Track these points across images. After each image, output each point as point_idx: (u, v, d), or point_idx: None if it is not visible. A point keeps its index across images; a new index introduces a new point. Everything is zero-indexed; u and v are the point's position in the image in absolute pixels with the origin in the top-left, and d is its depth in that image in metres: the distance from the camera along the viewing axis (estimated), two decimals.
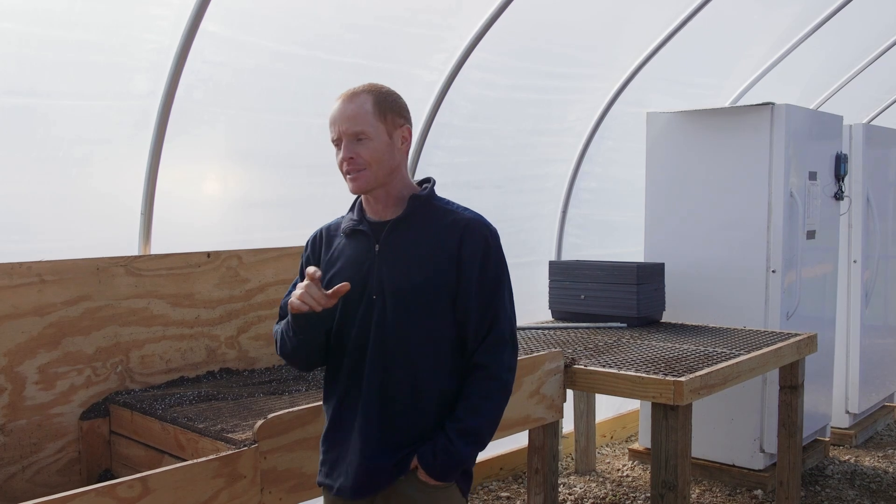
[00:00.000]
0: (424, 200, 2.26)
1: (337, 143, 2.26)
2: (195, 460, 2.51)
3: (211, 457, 2.54)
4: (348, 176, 2.22)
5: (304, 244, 3.87)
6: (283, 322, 2.31)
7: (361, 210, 2.32)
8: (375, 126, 2.22)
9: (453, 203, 2.33)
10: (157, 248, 3.64)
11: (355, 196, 2.35)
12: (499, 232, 2.31)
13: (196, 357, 3.62)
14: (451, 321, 2.23)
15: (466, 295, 2.20)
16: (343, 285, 2.11)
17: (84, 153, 3.47)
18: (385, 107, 2.25)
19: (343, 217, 2.40)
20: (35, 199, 3.38)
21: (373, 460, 2.20)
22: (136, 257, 3.45)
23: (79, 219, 3.52)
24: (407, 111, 2.33)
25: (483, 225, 2.25)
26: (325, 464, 2.32)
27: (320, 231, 2.41)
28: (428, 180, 2.36)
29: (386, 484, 2.22)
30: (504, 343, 2.24)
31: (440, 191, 2.44)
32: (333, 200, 4.48)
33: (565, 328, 4.77)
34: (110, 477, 3.22)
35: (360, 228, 2.28)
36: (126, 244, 3.59)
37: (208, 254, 3.68)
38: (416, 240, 2.23)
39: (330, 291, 2.10)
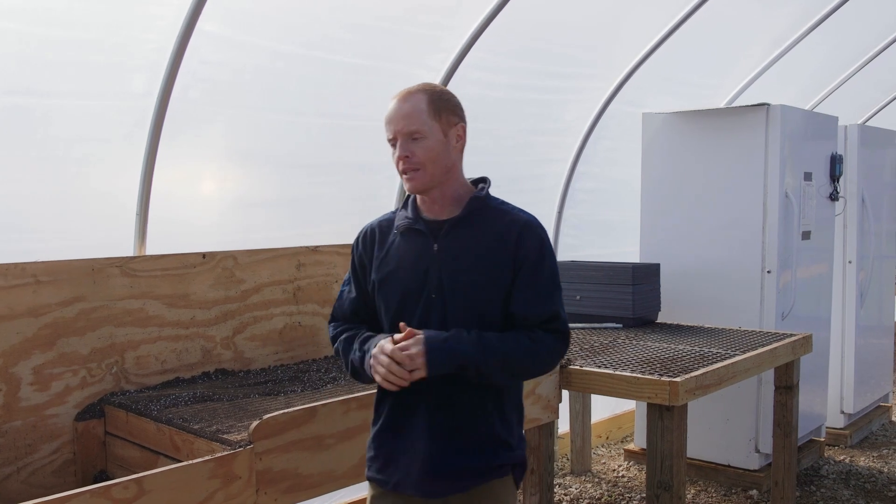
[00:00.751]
0: (482, 201, 2.29)
1: (392, 142, 2.26)
2: (190, 461, 2.51)
3: (206, 458, 2.54)
4: (404, 175, 2.25)
5: (301, 244, 3.87)
6: (356, 353, 2.32)
7: (416, 208, 2.33)
8: (430, 125, 2.22)
9: (508, 203, 2.36)
10: (155, 248, 3.63)
11: (408, 195, 2.37)
12: None
13: (191, 358, 3.62)
14: (504, 319, 2.25)
15: (524, 293, 2.23)
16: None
17: (82, 153, 3.47)
18: (440, 105, 2.25)
19: (392, 213, 2.41)
20: (32, 199, 3.37)
21: (437, 462, 2.22)
22: (131, 258, 3.44)
23: (76, 218, 3.51)
24: (461, 109, 2.33)
25: (538, 226, 2.29)
26: (377, 460, 2.36)
27: (370, 228, 2.41)
28: (483, 180, 2.38)
29: (451, 489, 2.24)
30: (560, 336, 2.26)
31: None
32: (332, 200, 4.50)
33: None
34: (105, 478, 3.22)
35: (417, 227, 2.29)
36: (123, 244, 3.58)
37: (204, 254, 3.67)
38: (475, 239, 2.25)
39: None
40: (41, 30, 3.17)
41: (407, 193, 2.36)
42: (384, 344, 2.18)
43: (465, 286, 2.22)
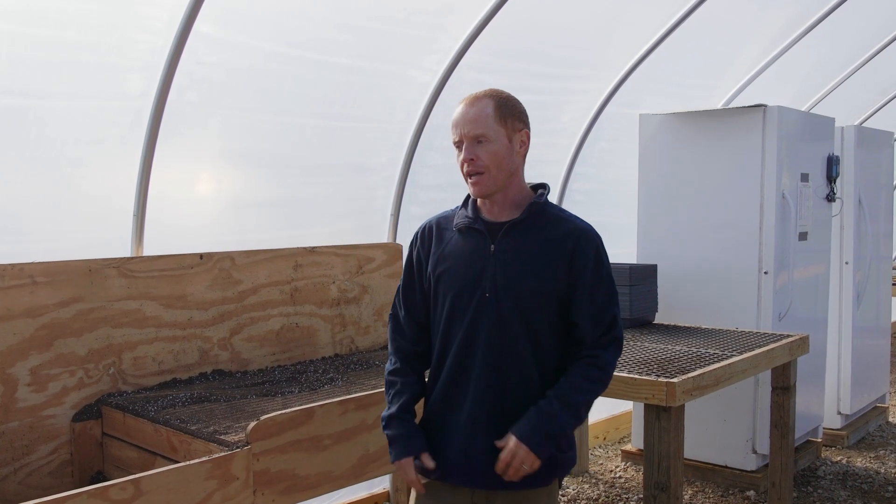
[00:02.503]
0: (542, 207, 2.34)
1: (458, 144, 2.31)
2: (188, 462, 2.51)
3: (203, 458, 2.54)
4: (470, 179, 2.29)
5: (299, 245, 3.88)
6: (398, 377, 2.42)
7: (476, 208, 2.38)
8: (496, 129, 2.28)
9: (565, 211, 2.41)
10: (150, 248, 3.63)
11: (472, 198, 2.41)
12: None
13: (188, 359, 3.62)
14: (556, 323, 2.30)
15: (582, 300, 2.28)
16: None
17: (77, 154, 3.46)
18: (506, 111, 2.31)
19: (452, 210, 2.45)
20: (27, 200, 3.37)
21: (489, 455, 2.26)
22: (128, 259, 3.44)
23: (71, 220, 3.51)
24: (526, 116, 2.40)
25: (595, 234, 2.35)
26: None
27: (430, 224, 2.45)
28: (543, 186, 2.43)
29: (489, 482, 2.29)
30: (618, 344, 2.35)
31: (436, 191, 2.47)
32: (328, 201, 4.50)
33: None
34: (102, 479, 3.21)
35: (476, 227, 2.33)
36: (119, 245, 3.58)
37: (201, 255, 3.67)
38: (532, 243, 2.29)
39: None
40: (34, 30, 3.17)
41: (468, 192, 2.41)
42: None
43: (519, 288, 2.27)
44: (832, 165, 5.49)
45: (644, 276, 4.78)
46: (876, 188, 6.22)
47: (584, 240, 2.31)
